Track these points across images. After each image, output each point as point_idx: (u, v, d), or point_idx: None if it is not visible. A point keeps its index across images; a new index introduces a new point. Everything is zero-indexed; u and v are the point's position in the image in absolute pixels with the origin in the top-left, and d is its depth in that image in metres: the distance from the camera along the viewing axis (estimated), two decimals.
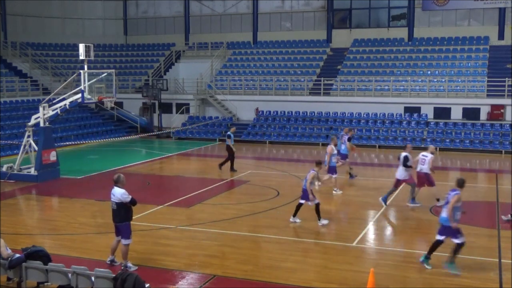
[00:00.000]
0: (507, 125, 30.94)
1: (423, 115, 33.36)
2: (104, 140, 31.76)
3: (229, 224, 14.63)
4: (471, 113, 32.54)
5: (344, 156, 21.33)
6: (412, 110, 33.83)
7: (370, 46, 39.75)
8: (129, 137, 34.60)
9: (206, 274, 10.93)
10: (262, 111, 36.49)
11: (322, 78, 36.81)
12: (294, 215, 14.94)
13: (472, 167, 23.68)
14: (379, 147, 31.85)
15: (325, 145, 30.02)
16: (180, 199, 17.78)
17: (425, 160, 17.02)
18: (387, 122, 33.64)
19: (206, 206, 16.92)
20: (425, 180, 17.03)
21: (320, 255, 12.47)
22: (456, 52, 37.16)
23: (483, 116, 32.46)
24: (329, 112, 34.96)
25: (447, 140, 31.08)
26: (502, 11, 37.57)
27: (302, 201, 14.83)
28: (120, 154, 28.74)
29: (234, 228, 14.22)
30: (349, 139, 21.64)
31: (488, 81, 33.67)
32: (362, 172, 23.84)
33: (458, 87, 33.91)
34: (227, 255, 12.19)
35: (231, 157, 23.32)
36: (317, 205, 14.69)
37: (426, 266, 11.37)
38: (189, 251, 12.45)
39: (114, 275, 8.98)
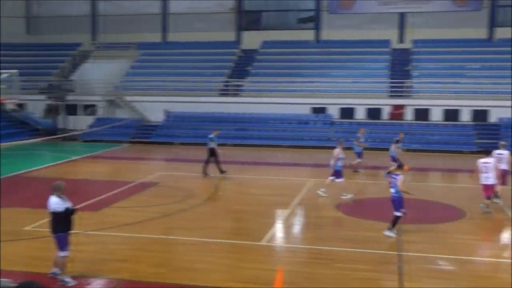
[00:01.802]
0: (407, 124, 32.53)
1: (329, 115, 34.41)
2: (5, 143, 30.38)
3: (139, 227, 14.47)
4: (374, 113, 33.93)
5: (359, 155, 23.40)
6: (318, 110, 34.81)
7: (279, 48, 40.50)
8: (33, 140, 33.28)
9: (118, 279, 10.78)
10: (172, 113, 36.27)
11: (232, 79, 37.12)
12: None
13: (376, 165, 24.70)
14: (287, 146, 32.54)
15: (237, 145, 30.45)
16: (87, 203, 17.33)
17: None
18: (295, 122, 34.41)
19: (115, 209, 16.64)
20: None
21: (232, 255, 12.61)
22: (360, 54, 38.62)
23: (385, 115, 33.95)
24: (239, 113, 35.30)
25: (352, 140, 32.18)
26: (402, 16, 39.44)
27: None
28: (23, 158, 27.65)
29: (145, 231, 14.08)
30: (397, 142, 22.76)
31: (389, 83, 35.25)
32: (272, 171, 24.33)
33: (362, 88, 35.24)
34: (139, 258, 12.07)
35: (213, 159, 22.81)
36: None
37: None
38: (99, 256, 12.22)
39: (16, 284, 8.65)
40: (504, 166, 17.62)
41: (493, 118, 32.72)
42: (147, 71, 39.77)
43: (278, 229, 14.73)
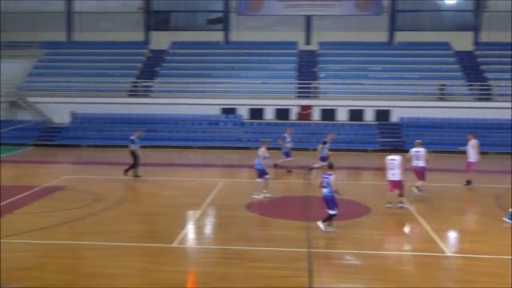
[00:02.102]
0: (314, 124, 33.41)
1: (239, 115, 34.73)
2: None
3: (45, 233, 13.98)
4: (282, 113, 34.59)
5: (287, 155, 23.55)
6: (228, 111, 35.05)
7: (188, 49, 40.39)
8: None
9: None
10: (79, 114, 35.29)
11: (140, 80, 36.62)
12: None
13: (284, 165, 25.11)
14: (198, 147, 32.53)
15: (147, 147, 29.99)
16: None
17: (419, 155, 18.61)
18: (205, 123, 34.45)
19: (20, 215, 15.98)
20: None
21: (143, 258, 12.48)
22: (269, 55, 39.23)
23: (293, 116, 34.70)
24: (149, 114, 34.89)
25: (261, 140, 32.61)
26: (308, 18, 40.43)
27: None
28: None
29: (51, 237, 13.63)
30: (324, 143, 22.75)
31: (297, 84, 36.05)
32: (183, 172, 24.25)
33: (271, 89, 35.81)
34: (45, 266, 11.67)
35: (135, 162, 22.10)
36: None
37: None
38: (3, 265, 11.67)
39: None
40: (422, 163, 18.73)
41: (394, 117, 34.24)
42: (52, 71, 38.41)
43: (190, 230, 14.72)
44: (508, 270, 11.62)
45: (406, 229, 15.26)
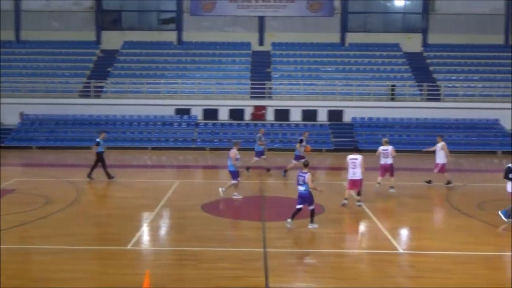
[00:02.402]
0: (269, 125, 33.61)
1: (193, 116, 34.60)
2: None
3: None
4: (236, 113, 34.65)
5: (259, 154, 23.37)
6: (182, 111, 34.87)
7: (141, 49, 40.01)
8: None
9: None
10: (28, 115, 34.48)
11: (92, 80, 36.06)
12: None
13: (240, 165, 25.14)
14: (152, 148, 32.26)
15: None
16: None
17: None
18: (159, 123, 34.19)
19: None
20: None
21: (96, 261, 12.30)
22: (222, 56, 39.23)
23: (247, 116, 34.79)
24: (101, 115, 34.38)
25: (216, 140, 32.66)
26: (261, 19, 40.61)
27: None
28: None
29: (1, 242, 13.29)
30: (301, 141, 22.78)
31: (251, 84, 36.17)
32: (137, 174, 24.01)
33: (225, 90, 35.82)
34: None
35: (96, 163, 21.54)
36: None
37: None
38: None
39: None
40: (390, 161, 19.46)
41: (347, 118, 34.75)
42: (0, 71, 37.37)
43: (145, 232, 14.59)
44: (458, 266, 11.98)
45: (361, 228, 15.53)
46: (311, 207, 14.58)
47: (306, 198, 14.53)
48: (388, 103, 34.94)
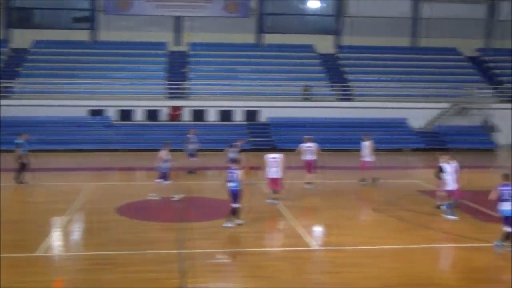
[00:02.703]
0: (185, 125, 33.40)
1: (107, 117, 33.84)
2: None
3: None
4: (152, 114, 34.23)
5: (191, 156, 23.37)
6: (96, 112, 34.03)
7: (53, 48, 38.63)
8: None
9: None
10: None
11: (1, 80, 34.50)
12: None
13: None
14: (64, 151, 31.22)
15: (8, 151, 28.32)
16: None
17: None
18: (71, 125, 33.17)
19: None
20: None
21: (3, 270, 11.72)
22: (138, 56, 38.61)
23: (163, 117, 34.45)
24: (11, 116, 32.91)
25: (132, 141, 32.11)
26: (178, 19, 40.32)
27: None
28: None
29: None
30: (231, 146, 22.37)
31: (167, 84, 35.83)
32: (48, 177, 23.16)
33: (140, 90, 35.27)
34: None
35: (20, 166, 20.36)
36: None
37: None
38: None
39: None
40: (313, 157, 20.34)
41: (263, 117, 35.13)
42: None
43: (56, 238, 14.10)
44: (373, 260, 12.41)
45: (279, 226, 15.71)
46: (236, 205, 14.71)
47: (235, 195, 14.73)
48: (303, 103, 35.62)
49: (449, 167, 16.20)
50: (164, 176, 18.34)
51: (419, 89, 37.06)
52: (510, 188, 12.66)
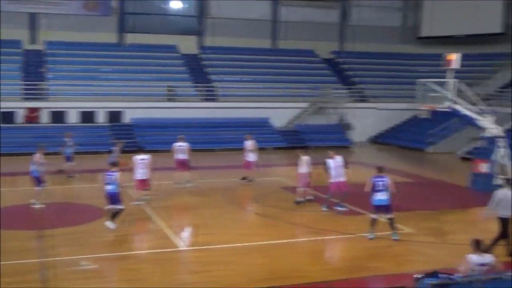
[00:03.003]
0: (43, 127, 31.97)
1: None
2: None
3: None
4: (7, 116, 32.33)
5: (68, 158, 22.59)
6: None
7: None
8: None
9: None
10: None
11: None
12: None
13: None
14: None
15: None
16: None
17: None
18: None
19: None
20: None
21: None
22: None
23: (19, 119, 32.66)
24: None
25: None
26: (33, 16, 38.36)
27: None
28: None
29: None
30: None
31: (23, 85, 33.98)
32: None
33: None
34: None
35: None
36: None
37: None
38: None
39: None
40: (184, 156, 20.54)
41: (126, 118, 34.50)
42: None
43: None
44: (239, 257, 12.76)
45: (146, 228, 15.60)
46: (119, 207, 14.60)
47: (113, 197, 14.55)
48: (167, 103, 35.46)
49: (333, 162, 17.28)
50: (38, 180, 17.56)
51: (279, 89, 38.38)
52: (383, 179, 13.76)
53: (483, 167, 21.48)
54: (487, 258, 9.61)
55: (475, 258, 9.52)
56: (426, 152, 32.89)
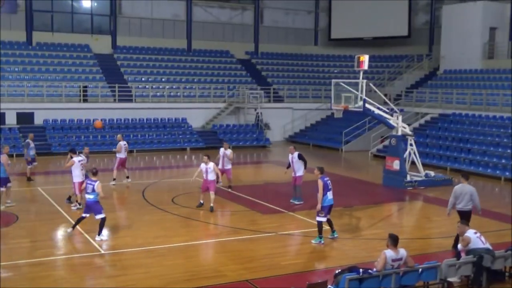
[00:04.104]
0: None
1: None
2: None
3: None
4: None
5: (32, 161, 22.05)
6: None
7: None
8: None
9: None
10: None
11: None
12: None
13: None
14: None
15: None
16: None
17: None
18: None
19: None
20: None
21: None
22: None
23: None
24: None
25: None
26: None
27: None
28: None
29: None
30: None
31: None
32: None
33: None
34: None
35: None
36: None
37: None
38: None
39: None
40: (123, 155, 21.44)
41: (38, 120, 33.20)
42: None
43: None
44: (156, 259, 12.61)
45: (60, 233, 15.09)
46: (100, 216, 14.07)
47: (93, 207, 14.08)
48: (81, 104, 34.48)
49: (290, 157, 18.43)
50: (4, 181, 17.24)
51: (196, 90, 38.20)
52: (326, 179, 13.88)
53: (394, 165, 22.39)
54: (401, 253, 10.04)
55: (390, 253, 9.93)
56: (341, 150, 33.85)
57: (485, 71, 35.89)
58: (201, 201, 17.68)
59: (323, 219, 13.84)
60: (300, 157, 18.32)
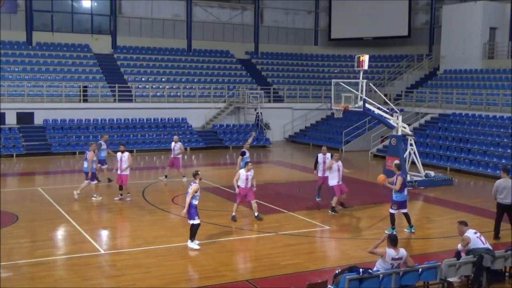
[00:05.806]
0: None
1: None
2: None
3: None
4: None
5: (103, 162, 21.75)
6: None
7: None
8: None
9: None
10: None
11: None
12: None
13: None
14: None
15: None
16: None
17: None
18: None
19: None
20: None
21: None
22: None
23: None
24: None
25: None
26: None
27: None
28: None
29: None
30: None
31: None
32: None
33: None
34: None
35: None
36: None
37: None
38: None
39: None
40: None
41: (38, 120, 33.20)
42: None
43: None
44: (156, 259, 12.61)
45: (59, 233, 15.07)
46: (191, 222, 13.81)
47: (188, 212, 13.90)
48: (81, 104, 34.48)
49: (322, 158, 18.57)
50: (92, 176, 18.70)
51: (196, 90, 38.21)
52: (404, 176, 15.06)
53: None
54: (401, 253, 10.05)
55: (391, 252, 9.94)
56: (341, 150, 33.83)
57: (485, 71, 35.88)
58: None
59: (395, 212, 14.93)
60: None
